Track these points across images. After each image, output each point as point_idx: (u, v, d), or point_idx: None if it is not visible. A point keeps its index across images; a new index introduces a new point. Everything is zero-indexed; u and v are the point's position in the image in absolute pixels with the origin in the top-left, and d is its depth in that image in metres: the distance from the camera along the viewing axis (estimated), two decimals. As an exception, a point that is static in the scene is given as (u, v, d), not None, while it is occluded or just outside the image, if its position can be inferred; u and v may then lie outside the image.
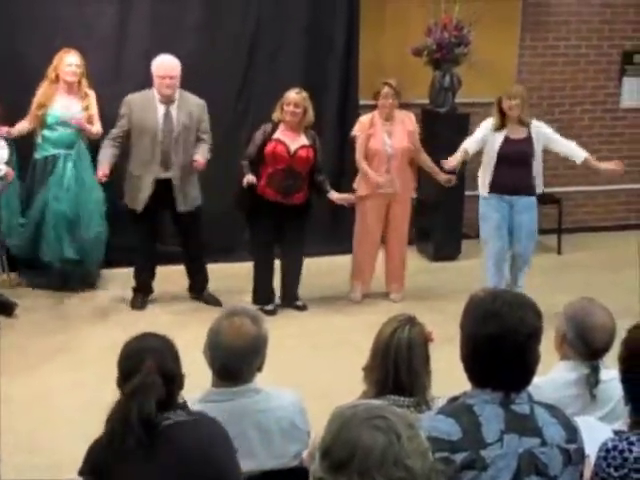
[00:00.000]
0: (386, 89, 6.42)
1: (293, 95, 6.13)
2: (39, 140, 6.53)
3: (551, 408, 2.30)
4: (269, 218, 6.24)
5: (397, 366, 3.00)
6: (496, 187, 6.20)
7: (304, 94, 6.16)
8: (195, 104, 6.27)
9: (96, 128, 6.52)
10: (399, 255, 6.83)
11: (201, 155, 6.20)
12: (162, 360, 2.57)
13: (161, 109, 6.16)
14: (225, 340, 2.93)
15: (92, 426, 2.64)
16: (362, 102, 7.61)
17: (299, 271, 6.53)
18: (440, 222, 7.42)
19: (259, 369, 3.02)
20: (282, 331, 5.58)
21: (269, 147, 6.14)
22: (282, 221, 6.28)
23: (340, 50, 7.59)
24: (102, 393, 2.71)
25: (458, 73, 7.49)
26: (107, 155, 6.18)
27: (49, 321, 6.23)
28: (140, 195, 6.23)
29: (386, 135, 6.50)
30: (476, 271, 6.82)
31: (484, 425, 2.18)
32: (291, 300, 6.57)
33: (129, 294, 6.58)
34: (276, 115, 6.20)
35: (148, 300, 6.56)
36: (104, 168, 6.12)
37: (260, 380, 3.06)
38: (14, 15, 6.74)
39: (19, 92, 6.47)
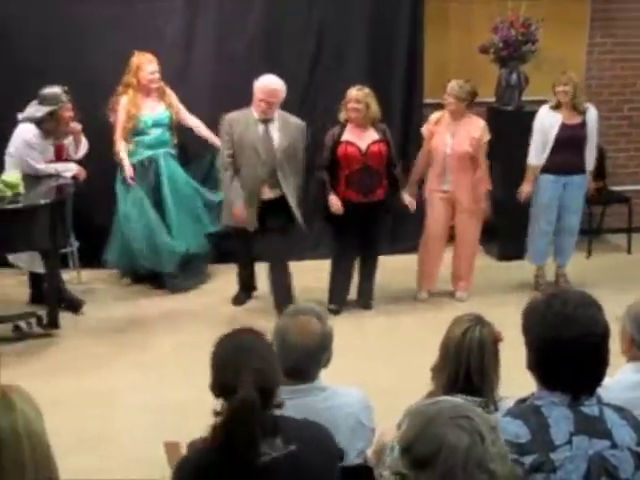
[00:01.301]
0: (448, 87, 6.39)
1: (355, 92, 6.15)
2: (130, 147, 6.64)
3: (620, 410, 2.26)
4: (353, 219, 6.23)
5: (469, 366, 3.00)
6: (551, 168, 6.59)
7: (366, 90, 6.16)
8: (295, 126, 6.19)
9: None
10: (465, 255, 6.76)
11: None
12: (260, 371, 2.35)
13: (260, 127, 6.08)
14: (293, 339, 2.94)
15: (153, 428, 2.64)
16: (427, 100, 7.58)
17: (375, 269, 6.54)
18: (506, 221, 7.34)
19: (325, 365, 3.04)
20: (347, 330, 5.58)
21: (340, 150, 6.17)
22: (366, 220, 6.29)
23: (405, 48, 7.55)
24: (165, 395, 2.72)
25: (525, 71, 7.40)
26: (238, 192, 6.05)
27: (119, 320, 6.32)
28: (250, 213, 6.12)
29: (449, 135, 6.44)
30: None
31: (553, 427, 2.16)
32: (368, 298, 6.58)
33: (201, 295, 6.70)
34: (342, 115, 6.23)
35: (250, 297, 6.63)
36: (241, 208, 6.04)
37: (324, 378, 3.07)
38: (84, 19, 6.89)
39: (91, 94, 6.58)
